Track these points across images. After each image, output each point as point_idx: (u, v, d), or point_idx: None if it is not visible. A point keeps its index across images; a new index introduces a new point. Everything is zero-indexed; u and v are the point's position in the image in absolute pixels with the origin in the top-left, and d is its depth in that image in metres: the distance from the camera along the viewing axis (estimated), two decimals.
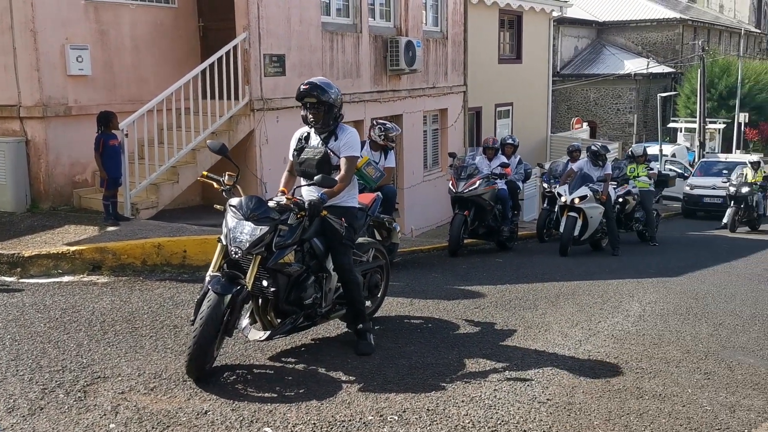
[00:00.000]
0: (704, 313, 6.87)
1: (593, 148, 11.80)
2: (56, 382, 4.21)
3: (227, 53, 9.59)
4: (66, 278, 6.58)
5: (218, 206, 4.85)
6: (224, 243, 4.51)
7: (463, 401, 4.24)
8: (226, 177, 4.73)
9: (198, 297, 4.37)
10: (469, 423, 3.96)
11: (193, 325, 4.28)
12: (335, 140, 5.02)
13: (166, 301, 6.00)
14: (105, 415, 3.84)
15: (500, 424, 3.97)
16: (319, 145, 5.00)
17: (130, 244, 7.09)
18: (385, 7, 13.22)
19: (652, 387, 4.66)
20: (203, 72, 9.44)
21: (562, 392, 4.46)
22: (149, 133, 8.86)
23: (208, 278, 4.40)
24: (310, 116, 4.99)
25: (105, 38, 9.46)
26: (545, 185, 13.30)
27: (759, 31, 57.82)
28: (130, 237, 7.37)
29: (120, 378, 4.32)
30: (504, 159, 11.24)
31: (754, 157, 19.06)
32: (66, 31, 8.89)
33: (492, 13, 19.02)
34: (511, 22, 20.53)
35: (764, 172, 18.22)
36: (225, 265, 4.53)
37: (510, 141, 12.11)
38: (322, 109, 4.93)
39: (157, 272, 6.96)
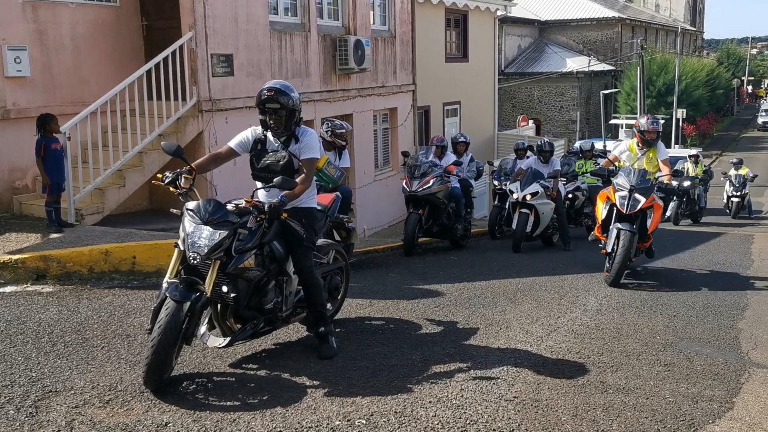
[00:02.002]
0: (658, 305, 6.99)
1: (539, 144, 11.98)
2: (5, 397, 3.99)
3: (173, 53, 9.35)
4: (9, 288, 6.28)
5: (174, 210, 4.68)
6: (181, 248, 4.34)
7: (430, 402, 4.19)
8: (183, 179, 4.56)
9: (155, 305, 4.20)
10: (438, 424, 3.91)
11: (150, 333, 4.11)
12: (295, 143, 4.89)
13: (117, 310, 5.78)
14: (59, 430, 3.65)
15: (469, 423, 3.93)
16: (281, 149, 4.86)
17: (76, 252, 6.82)
18: (333, 6, 13.11)
19: (615, 380, 4.70)
20: (148, 72, 9.18)
21: (528, 389, 4.45)
22: (93, 136, 8.56)
23: (165, 285, 4.23)
24: (271, 121, 4.82)
25: (44, 38, 9.11)
26: (495, 183, 13.40)
27: (694, 29, 59.79)
28: (76, 244, 7.09)
29: (73, 391, 4.12)
30: (454, 158, 11.26)
31: (693, 151, 19.68)
32: (3, 32, 8.53)
33: (438, 12, 19.11)
34: (457, 21, 20.66)
35: (704, 166, 18.84)
36: (182, 270, 4.36)
37: (462, 139, 12.14)
38: (284, 114, 4.79)
39: (105, 280, 6.71)
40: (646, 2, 55.61)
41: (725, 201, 19.46)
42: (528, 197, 10.99)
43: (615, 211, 7.91)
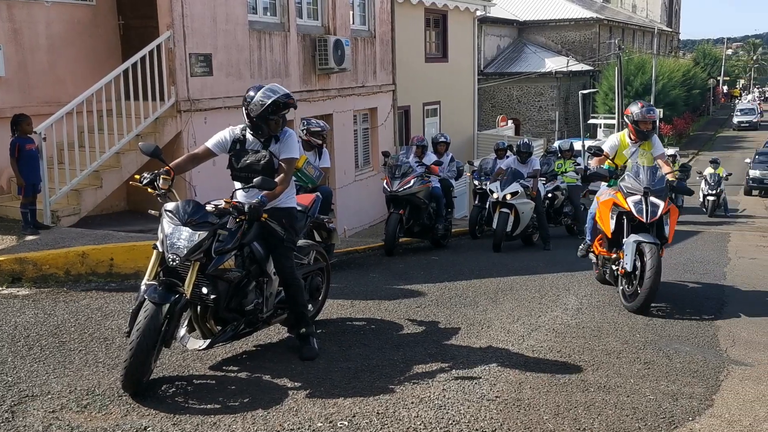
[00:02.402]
0: None
1: (517, 144, 12.07)
2: None
3: (150, 52, 9.26)
4: None
5: (153, 211, 4.63)
6: (160, 250, 4.29)
7: (412, 403, 4.17)
8: (161, 180, 4.50)
9: (133, 307, 4.14)
10: (420, 425, 3.89)
11: (128, 336, 4.06)
12: (276, 142, 4.86)
13: (94, 313, 5.70)
14: None
15: (452, 424, 3.92)
16: (261, 149, 4.82)
17: (52, 254, 6.72)
18: (312, 6, 13.07)
19: (596, 379, 4.71)
20: (125, 72, 9.07)
21: (510, 389, 4.45)
22: (69, 136, 8.46)
23: (143, 287, 4.18)
24: (272, 127, 4.78)
25: (19, 37, 8.98)
26: (476, 182, 13.44)
27: (670, 30, 60.44)
28: (52, 246, 6.98)
29: (50, 396, 4.05)
30: (435, 157, 11.28)
31: (670, 150, 19.85)
32: None
33: (418, 12, 19.12)
34: (437, 21, 20.69)
35: (679, 164, 19.04)
36: (161, 272, 4.31)
37: (442, 139, 12.16)
38: (283, 116, 4.79)
39: (82, 282, 6.62)
40: (623, 3, 56.12)
41: (701, 200, 19.69)
42: (508, 197, 11.03)
43: (626, 221, 6.68)
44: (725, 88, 76.09)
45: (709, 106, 63.45)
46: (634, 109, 7.19)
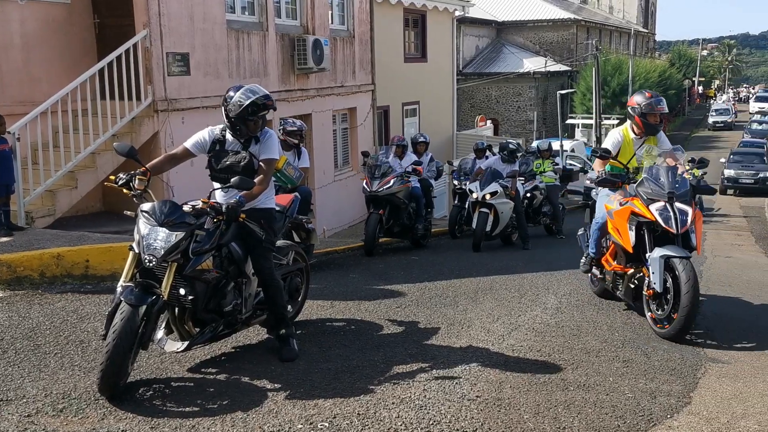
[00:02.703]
0: (616, 303, 7.05)
1: (508, 145, 12.12)
2: None
3: (127, 51, 9.16)
4: None
5: (129, 212, 4.56)
6: (136, 251, 4.23)
7: (393, 403, 4.16)
8: (137, 181, 4.44)
9: (109, 309, 4.08)
10: (401, 425, 3.88)
11: (104, 339, 4.00)
12: (256, 143, 4.82)
13: (70, 315, 5.62)
14: None
15: (432, 424, 3.91)
16: (241, 150, 4.78)
17: (27, 256, 6.61)
18: (291, 6, 13.01)
19: (575, 378, 4.73)
20: (101, 71, 8.97)
21: (490, 388, 4.45)
22: (43, 136, 8.33)
23: (119, 289, 4.12)
24: (252, 128, 4.73)
25: None
26: (455, 182, 13.47)
27: (647, 31, 61.08)
28: (26, 248, 6.87)
29: (25, 400, 3.98)
30: (415, 157, 11.29)
31: None
32: None
33: (397, 12, 19.12)
34: (416, 21, 20.71)
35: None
36: (138, 274, 4.25)
37: (422, 139, 12.17)
38: (263, 117, 4.75)
39: (57, 284, 6.52)
40: (600, 4, 56.60)
41: None
42: (487, 197, 11.07)
43: (646, 232, 5.78)
44: (700, 88, 77.01)
45: (684, 107, 64.17)
46: (640, 99, 6.27)
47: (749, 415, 4.23)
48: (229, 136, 4.82)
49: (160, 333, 4.54)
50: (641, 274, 5.90)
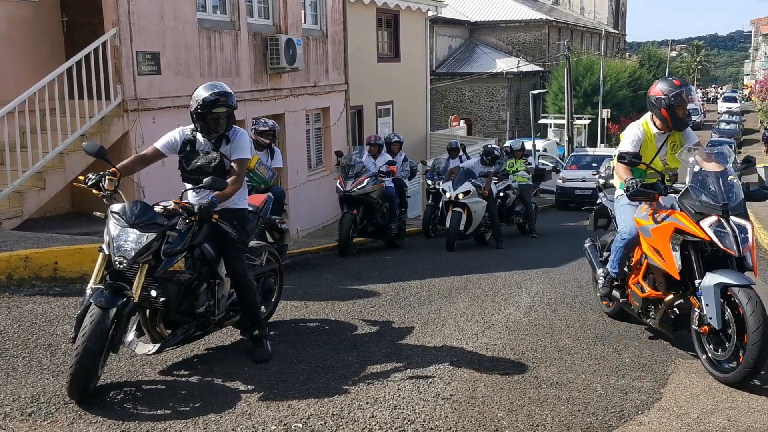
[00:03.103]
0: (588, 301, 7.13)
1: (494, 150, 12.21)
2: None
3: (95, 50, 9.03)
4: None
5: (98, 213, 4.50)
6: (106, 252, 4.17)
7: (367, 403, 4.15)
8: (107, 181, 4.38)
9: (78, 312, 4.02)
10: (375, 425, 3.87)
11: (74, 342, 3.93)
12: (227, 143, 4.77)
13: (38, 318, 5.52)
14: None
15: (407, 423, 3.91)
16: (211, 150, 4.73)
17: None
18: (263, 5, 12.94)
19: (548, 375, 4.76)
20: (69, 70, 8.83)
21: (464, 387, 4.47)
22: (10, 136, 8.18)
23: (89, 291, 4.06)
24: (212, 126, 4.67)
25: None
26: (429, 182, 13.50)
27: (617, 32, 61.80)
28: None
29: None
30: (389, 157, 11.30)
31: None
32: None
33: (370, 12, 19.11)
34: (389, 21, 20.73)
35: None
36: (108, 276, 4.19)
37: (396, 139, 12.19)
38: (226, 116, 4.68)
39: (25, 287, 6.40)
40: (572, 5, 57.14)
41: None
42: (460, 196, 11.11)
43: (692, 252, 4.80)
44: None
45: None
46: (666, 87, 5.28)
47: (719, 410, 4.30)
48: (199, 136, 4.77)
49: (130, 335, 4.48)
50: (685, 301, 4.98)
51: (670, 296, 5.05)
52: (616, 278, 5.68)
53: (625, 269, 5.64)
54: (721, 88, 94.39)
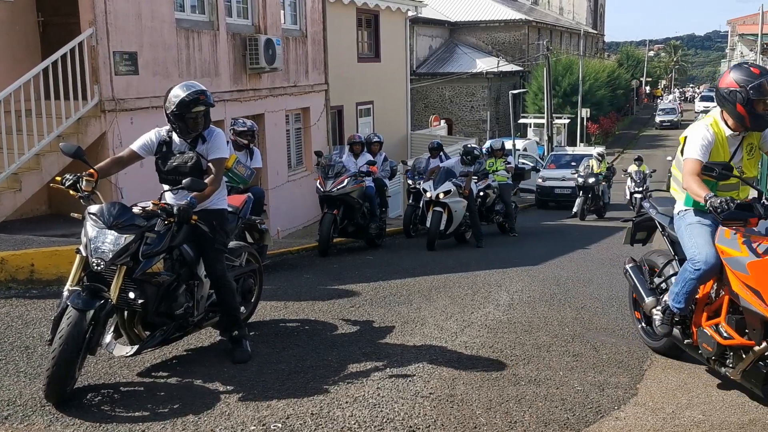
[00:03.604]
0: (567, 299, 7.21)
1: (473, 150, 12.26)
2: None
3: (72, 50, 8.94)
4: None
5: (75, 214, 4.46)
6: (84, 254, 4.15)
7: (347, 402, 4.16)
8: (84, 182, 4.35)
9: (55, 314, 4.00)
10: (354, 424, 3.89)
11: (50, 344, 3.91)
12: (203, 143, 4.75)
13: (15, 321, 5.47)
14: None
15: (386, 422, 3.93)
16: (188, 150, 4.71)
17: None
18: (242, 5, 12.89)
19: (527, 373, 4.81)
20: (45, 71, 8.73)
21: (443, 385, 4.49)
22: None
23: (66, 293, 4.04)
24: (191, 126, 4.64)
25: None
26: (410, 182, 13.54)
27: (596, 32, 62.29)
28: None
29: None
30: (370, 157, 11.31)
31: (598, 149, 20.38)
32: None
33: (349, 12, 19.11)
34: (369, 21, 20.73)
35: (607, 163, 19.56)
36: (85, 277, 4.17)
37: (376, 139, 12.20)
38: (203, 114, 4.66)
39: (1, 289, 6.33)
40: (551, 5, 57.50)
41: (628, 197, 20.08)
42: (441, 195, 11.15)
43: None
44: (648, 88, 78.85)
45: (632, 106, 65.65)
46: (741, 76, 4.27)
47: (693, 405, 4.37)
48: (175, 137, 4.75)
49: (108, 337, 4.45)
50: None
51: (765, 345, 4.01)
52: (679, 314, 4.66)
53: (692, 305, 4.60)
54: (698, 88, 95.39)
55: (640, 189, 19.18)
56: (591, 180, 17.37)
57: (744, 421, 4.14)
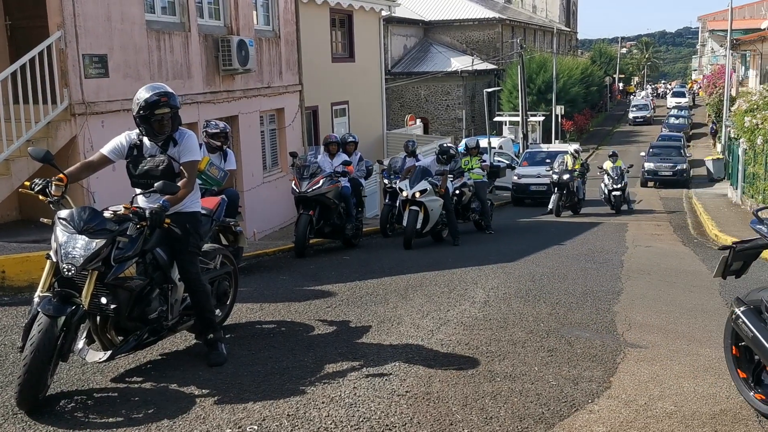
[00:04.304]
0: (542, 294, 7.27)
1: (449, 149, 12.29)
2: None
3: (41, 54, 8.82)
4: None
5: (45, 219, 4.41)
6: (54, 260, 4.10)
7: (323, 403, 4.16)
8: (53, 187, 4.30)
9: (26, 321, 3.95)
10: (331, 424, 3.89)
11: (21, 352, 3.86)
12: (174, 146, 4.72)
13: None
14: None
15: (362, 421, 3.94)
16: (158, 153, 4.68)
17: None
18: (214, 6, 12.81)
19: (502, 369, 4.84)
20: (14, 75, 8.62)
21: (419, 383, 4.51)
22: None
23: (36, 299, 3.99)
24: (157, 128, 4.60)
25: None
26: (386, 181, 13.55)
27: (569, 30, 62.82)
28: None
29: None
30: (345, 157, 11.30)
31: (574, 146, 20.48)
32: None
33: (323, 12, 19.07)
34: (342, 21, 20.71)
35: (582, 159, 19.69)
36: (56, 283, 4.12)
37: (351, 139, 12.18)
38: (170, 116, 4.61)
39: None
40: (524, 3, 57.88)
41: (606, 194, 19.47)
42: (417, 194, 11.17)
43: None
44: (621, 85, 79.65)
45: (606, 103, 66.27)
46: None
47: (666, 396, 4.43)
48: (146, 140, 4.71)
49: (81, 343, 4.41)
50: None
51: None
52: None
53: None
54: (670, 84, 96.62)
55: (619, 186, 19.01)
56: (566, 176, 17.49)
57: (715, 411, 4.21)
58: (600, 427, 3.95)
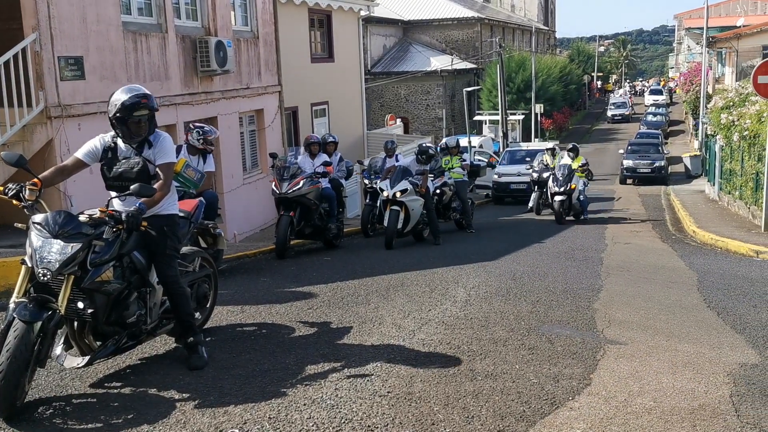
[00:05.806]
0: (523, 292, 7.30)
1: (428, 149, 12.29)
2: None
3: (15, 56, 8.71)
4: None
5: (19, 224, 4.36)
6: (29, 265, 4.05)
7: (305, 404, 4.15)
8: (27, 191, 4.24)
9: (2, 327, 3.89)
10: (313, 426, 3.88)
11: None
12: (149, 148, 4.67)
13: None
14: None
15: (344, 422, 3.93)
16: (133, 156, 4.63)
17: None
18: (191, 7, 12.72)
19: (483, 367, 4.85)
20: None
21: (401, 383, 4.51)
22: None
23: (12, 305, 3.94)
24: (134, 130, 4.55)
25: None
26: (366, 181, 13.55)
27: (547, 29, 63.19)
28: None
29: None
30: (326, 157, 11.28)
31: (550, 144, 20.58)
32: None
33: (301, 13, 19.02)
34: (321, 22, 20.67)
35: (561, 157, 19.75)
36: (32, 289, 4.07)
37: (331, 139, 12.17)
38: (146, 119, 4.57)
39: None
40: (503, 3, 58.12)
41: (548, 198, 16.12)
42: (398, 194, 11.18)
43: None
44: (599, 83, 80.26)
45: (585, 101, 66.75)
46: None
47: (645, 392, 4.47)
48: (121, 142, 4.66)
49: (58, 349, 4.36)
50: None
51: None
52: None
53: None
54: (648, 82, 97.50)
55: (562, 188, 15.35)
56: (545, 175, 17.55)
57: (694, 407, 4.25)
58: (580, 424, 3.97)
